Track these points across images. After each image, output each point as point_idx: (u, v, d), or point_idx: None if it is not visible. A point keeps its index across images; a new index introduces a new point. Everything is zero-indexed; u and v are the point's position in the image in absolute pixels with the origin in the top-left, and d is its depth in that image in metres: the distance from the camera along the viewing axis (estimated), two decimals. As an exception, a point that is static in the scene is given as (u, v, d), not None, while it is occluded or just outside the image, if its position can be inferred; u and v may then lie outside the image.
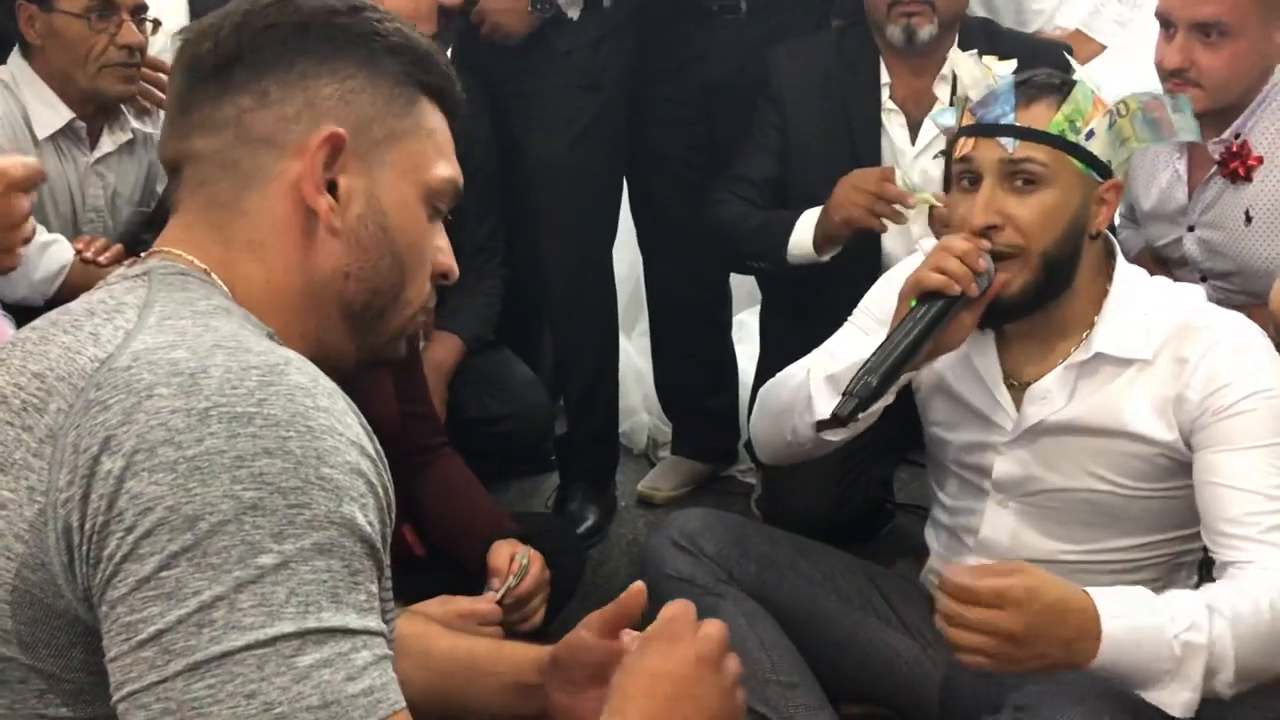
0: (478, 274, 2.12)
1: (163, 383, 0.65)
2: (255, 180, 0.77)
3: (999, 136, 1.26)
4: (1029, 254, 1.26)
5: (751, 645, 1.41)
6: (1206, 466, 1.24)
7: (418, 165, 0.80)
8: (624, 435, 2.65)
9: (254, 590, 0.61)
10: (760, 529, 1.56)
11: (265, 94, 0.77)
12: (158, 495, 0.62)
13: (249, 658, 0.61)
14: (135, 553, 0.62)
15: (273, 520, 0.62)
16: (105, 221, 1.92)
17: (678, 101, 2.18)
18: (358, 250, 0.78)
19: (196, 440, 0.63)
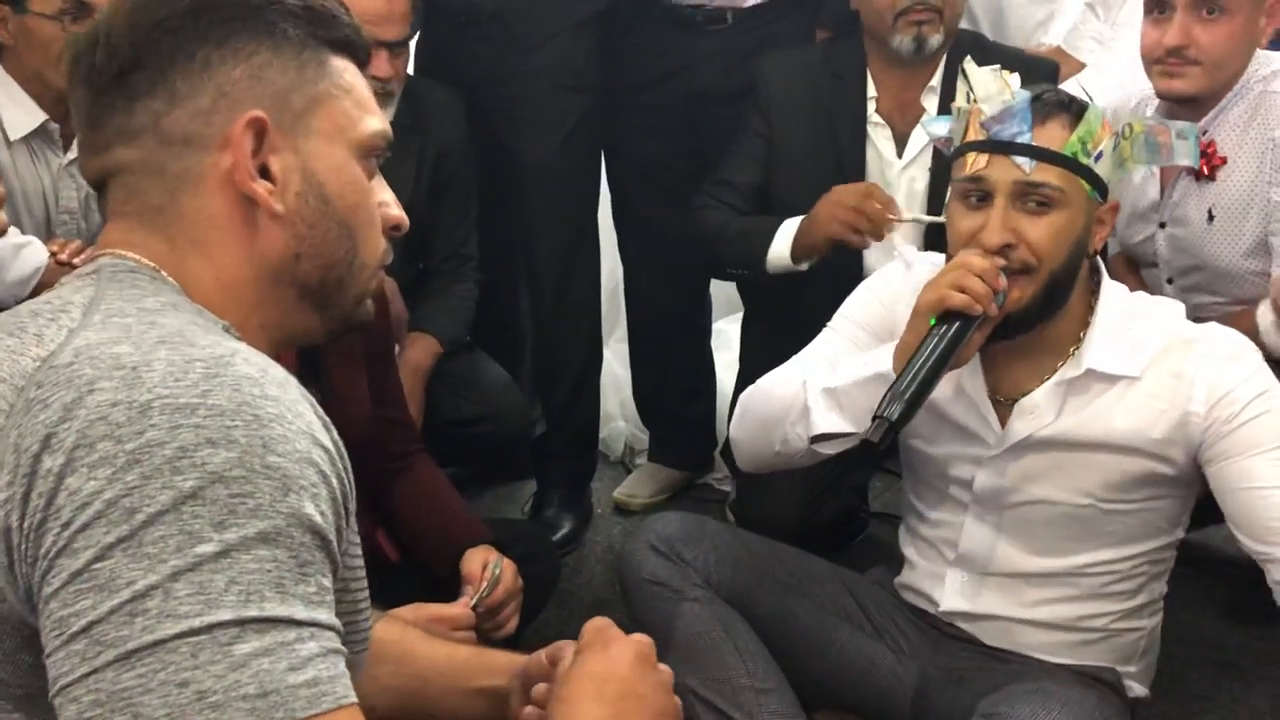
0: (452, 277, 2.12)
1: (104, 377, 0.64)
2: (185, 181, 0.75)
3: (1015, 155, 1.25)
4: (1039, 273, 1.27)
5: (726, 650, 1.41)
6: (1238, 475, 1.24)
7: (343, 125, 0.79)
8: (601, 442, 2.64)
9: (191, 578, 0.60)
10: (737, 534, 1.56)
11: (174, 92, 0.74)
12: (96, 490, 0.61)
13: (183, 645, 0.59)
14: (70, 547, 0.61)
15: (214, 509, 0.61)
16: (79, 223, 1.91)
17: (662, 110, 2.18)
18: (304, 228, 0.77)
19: (137, 433, 0.61)
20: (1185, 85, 1.73)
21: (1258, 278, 1.76)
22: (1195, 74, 1.72)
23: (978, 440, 1.39)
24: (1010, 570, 1.41)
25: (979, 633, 1.44)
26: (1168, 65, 1.73)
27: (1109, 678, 1.40)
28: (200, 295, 0.75)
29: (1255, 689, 1.78)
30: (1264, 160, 1.72)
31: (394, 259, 2.20)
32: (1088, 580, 1.39)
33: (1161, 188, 1.85)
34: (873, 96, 1.97)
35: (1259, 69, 1.76)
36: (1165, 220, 1.86)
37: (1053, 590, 1.40)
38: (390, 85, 1.93)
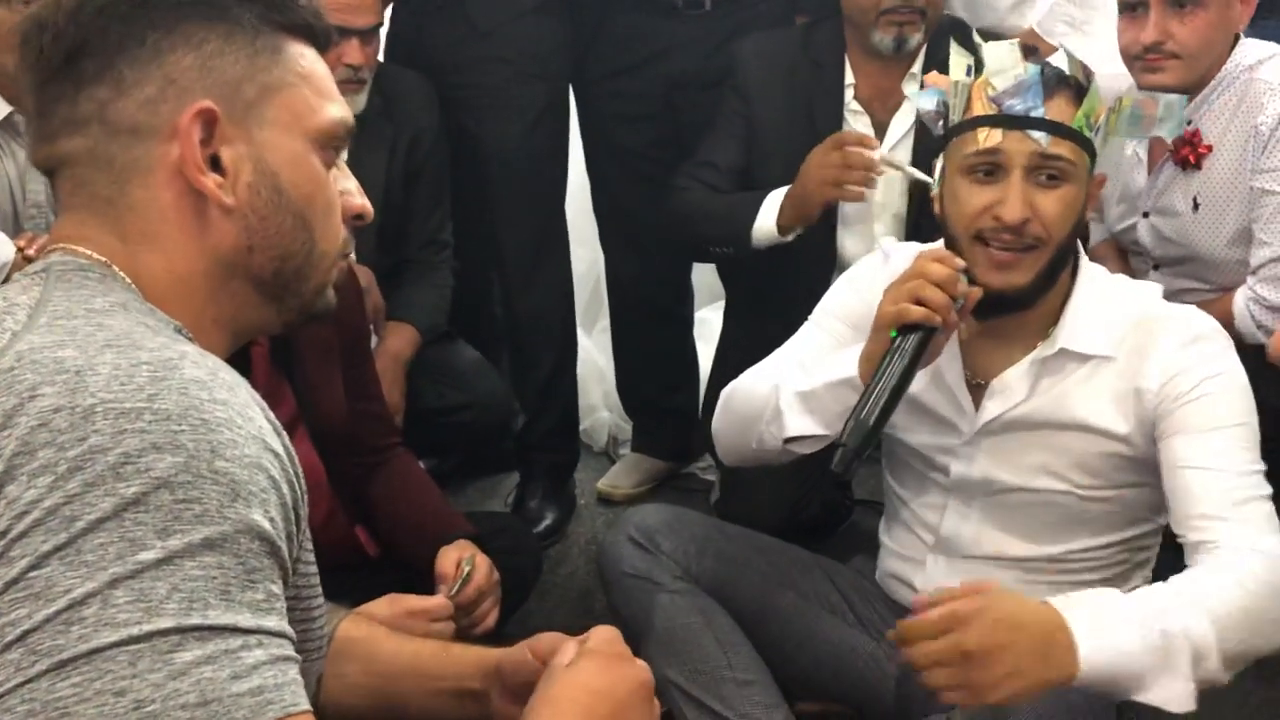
0: (428, 265, 2.10)
1: (46, 382, 0.62)
2: (133, 172, 0.73)
3: (1031, 130, 1.24)
4: (1048, 247, 1.26)
5: (708, 642, 1.40)
6: (1172, 453, 1.24)
7: (299, 114, 0.76)
8: (584, 433, 2.63)
9: (131, 585, 0.58)
10: (718, 525, 1.55)
11: (120, 79, 0.72)
12: (35, 498, 0.59)
13: (120, 654, 0.57)
14: (5, 555, 0.59)
15: (158, 516, 0.59)
16: (47, 217, 1.88)
17: (641, 97, 2.16)
18: (256, 220, 0.75)
19: (79, 439, 0.60)
20: (1167, 78, 1.74)
21: (1242, 265, 1.77)
22: (1175, 67, 1.73)
23: (952, 428, 1.38)
24: (991, 555, 1.40)
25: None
26: (1147, 61, 1.74)
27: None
28: (153, 289, 0.73)
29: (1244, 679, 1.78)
30: (1246, 148, 1.73)
31: (369, 248, 2.20)
32: (1069, 568, 1.38)
33: (1149, 175, 1.85)
34: (850, 84, 1.95)
35: (1243, 58, 1.76)
36: (1149, 209, 1.86)
37: (1034, 577, 1.39)
38: (362, 73, 1.92)
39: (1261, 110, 1.70)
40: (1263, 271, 1.70)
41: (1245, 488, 1.20)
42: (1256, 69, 1.74)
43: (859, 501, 2.17)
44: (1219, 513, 1.18)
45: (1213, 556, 1.16)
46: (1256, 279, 1.71)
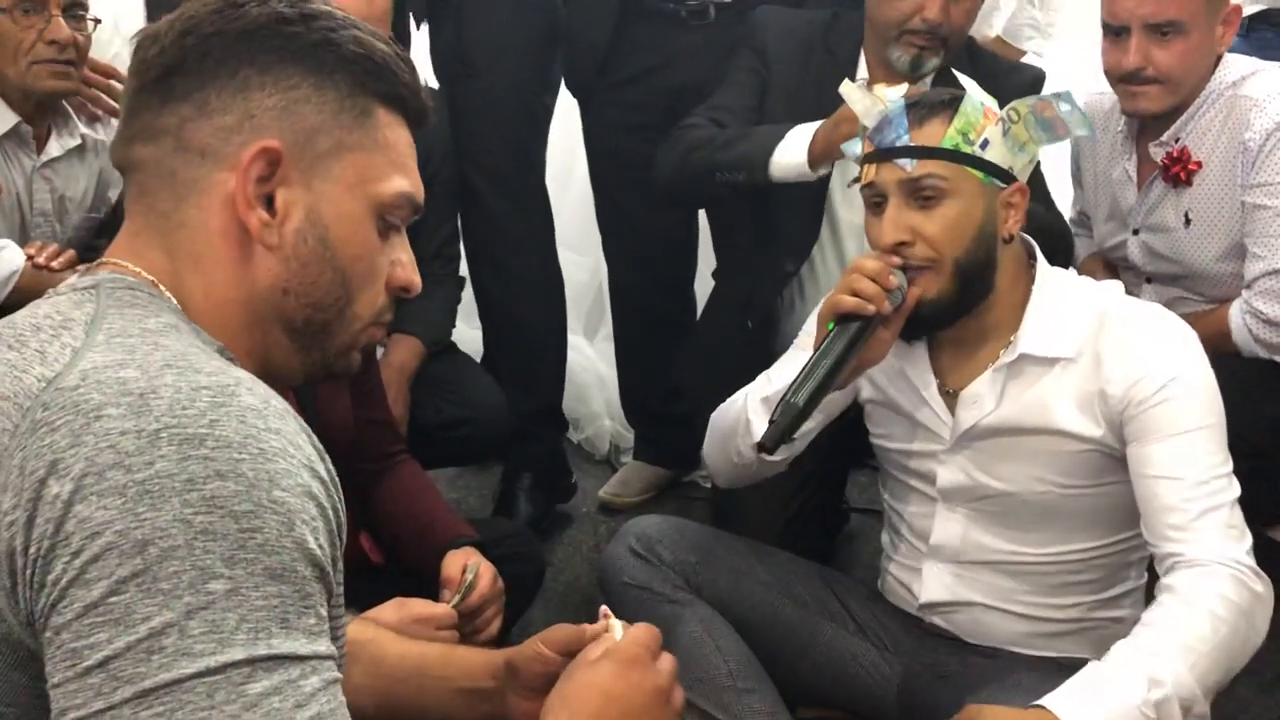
0: (435, 278, 2.11)
1: (112, 403, 0.64)
2: (191, 191, 0.75)
3: (896, 159, 1.30)
4: (942, 264, 1.30)
5: (709, 651, 1.41)
6: (1138, 460, 1.26)
7: (367, 178, 0.78)
8: (586, 441, 2.65)
9: (205, 617, 0.61)
10: (718, 535, 1.56)
11: (206, 103, 0.75)
12: (106, 520, 0.61)
13: (199, 685, 0.60)
14: (82, 578, 0.61)
15: (224, 545, 0.61)
16: (53, 226, 1.89)
17: (645, 107, 2.17)
18: (296, 266, 0.76)
19: (147, 464, 0.62)
20: (1149, 104, 1.75)
21: (1235, 278, 1.78)
22: (1156, 93, 1.74)
23: (933, 434, 1.40)
24: (984, 559, 1.41)
25: (959, 626, 1.45)
26: (1129, 87, 1.75)
27: (1093, 672, 1.41)
28: (195, 313, 0.75)
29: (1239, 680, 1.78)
30: (1235, 163, 1.74)
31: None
32: (1060, 569, 1.39)
33: (1138, 192, 1.86)
34: (863, 78, 1.95)
35: (1226, 74, 1.77)
36: (1139, 226, 1.86)
37: (1027, 580, 1.40)
38: None
39: (1248, 126, 1.71)
40: (1257, 285, 1.71)
41: (1210, 494, 1.21)
42: (1240, 85, 1.75)
43: (856, 510, 2.17)
44: (1185, 523, 1.20)
45: (1181, 580, 1.18)
46: (1252, 292, 1.72)
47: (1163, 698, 1.09)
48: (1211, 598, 1.15)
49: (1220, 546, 1.18)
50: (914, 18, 1.80)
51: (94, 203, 1.97)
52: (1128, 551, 1.41)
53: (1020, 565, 1.40)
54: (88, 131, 1.92)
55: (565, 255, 2.79)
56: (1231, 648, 1.15)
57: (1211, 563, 1.17)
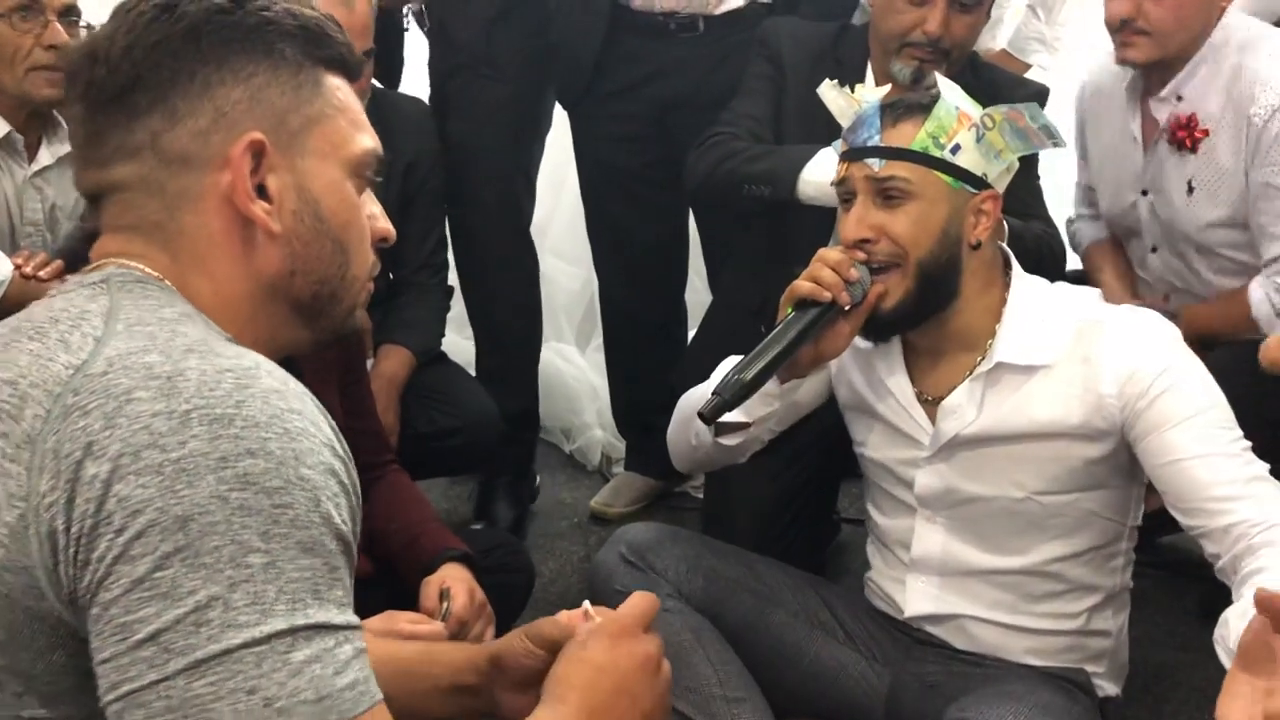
0: (423, 288, 2.12)
1: (141, 386, 0.66)
2: (184, 199, 0.76)
3: (866, 158, 1.32)
4: (905, 264, 1.32)
5: (698, 660, 1.41)
6: (1157, 451, 1.25)
7: (337, 144, 0.80)
8: (577, 451, 2.64)
9: (246, 589, 0.63)
10: (709, 544, 1.56)
11: (174, 111, 0.75)
12: (146, 498, 0.63)
13: (247, 655, 0.62)
14: (127, 554, 0.62)
15: (259, 520, 0.64)
16: (44, 236, 1.89)
17: (634, 118, 2.18)
18: (299, 246, 0.78)
19: (180, 443, 0.64)
20: (1136, 54, 1.78)
21: (1234, 250, 1.78)
22: (1144, 44, 1.76)
23: (913, 442, 1.41)
24: (965, 570, 1.42)
25: (946, 636, 1.45)
26: (1120, 36, 1.78)
27: (1079, 679, 1.41)
28: (201, 308, 0.77)
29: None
30: (1240, 138, 1.73)
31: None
32: (1040, 579, 1.39)
33: (1144, 152, 1.86)
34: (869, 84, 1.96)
35: (1230, 33, 1.76)
36: (1146, 187, 1.87)
37: (1009, 589, 1.41)
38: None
39: (1254, 102, 1.71)
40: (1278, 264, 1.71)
41: (1247, 463, 1.22)
42: (1246, 52, 1.74)
43: (846, 520, 2.17)
44: (1235, 493, 1.19)
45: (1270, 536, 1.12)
46: (1273, 269, 1.71)
47: None
48: None
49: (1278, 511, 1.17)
50: (915, 31, 1.81)
51: (85, 213, 1.97)
52: (1110, 557, 1.41)
53: (1001, 575, 1.40)
54: (78, 141, 1.93)
55: (556, 265, 2.80)
56: None
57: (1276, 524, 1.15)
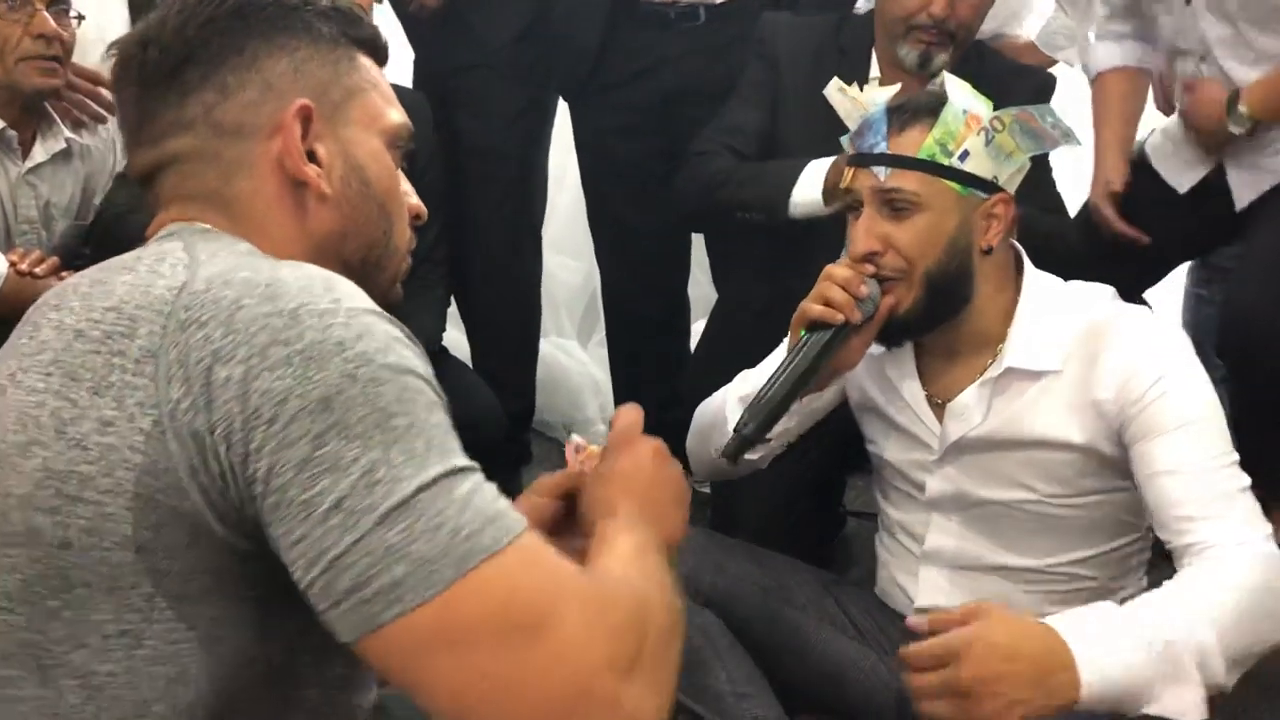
0: (423, 283, 2.10)
1: (246, 295, 0.70)
2: (239, 167, 0.81)
3: (872, 165, 1.28)
4: (913, 275, 1.28)
5: (706, 656, 1.39)
6: (1141, 460, 1.24)
7: (374, 116, 0.86)
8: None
9: (400, 448, 0.68)
10: (715, 539, 1.55)
11: (224, 85, 0.81)
12: (285, 388, 0.67)
13: (422, 498, 0.67)
14: (285, 440, 0.67)
15: (389, 389, 0.69)
16: (39, 233, 1.87)
17: (636, 110, 2.16)
18: (348, 209, 0.83)
19: (298, 336, 0.69)
20: None
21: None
22: None
23: (922, 444, 1.39)
24: (980, 565, 1.40)
25: (957, 631, 1.43)
26: None
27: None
28: None
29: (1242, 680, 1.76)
30: None
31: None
32: (1057, 578, 1.38)
33: None
34: (875, 77, 1.94)
35: None
36: None
37: (1024, 586, 1.39)
38: None
39: None
40: None
41: (1220, 483, 1.19)
42: None
43: (853, 513, 2.15)
44: (1199, 513, 1.18)
45: (1201, 558, 1.15)
46: None
47: (1175, 638, 1.05)
48: (1231, 569, 1.12)
49: (1239, 532, 1.16)
50: (920, 13, 1.80)
51: (80, 210, 1.95)
52: (1126, 558, 1.39)
53: (1016, 572, 1.38)
54: (73, 137, 1.90)
55: (558, 259, 2.78)
56: (1254, 620, 1.10)
57: (1231, 546, 1.15)
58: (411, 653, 0.66)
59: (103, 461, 0.69)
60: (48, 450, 0.70)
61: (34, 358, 0.74)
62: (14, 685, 0.70)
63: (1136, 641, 1.05)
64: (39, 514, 0.70)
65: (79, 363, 0.71)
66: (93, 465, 0.69)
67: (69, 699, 0.70)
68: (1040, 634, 1.04)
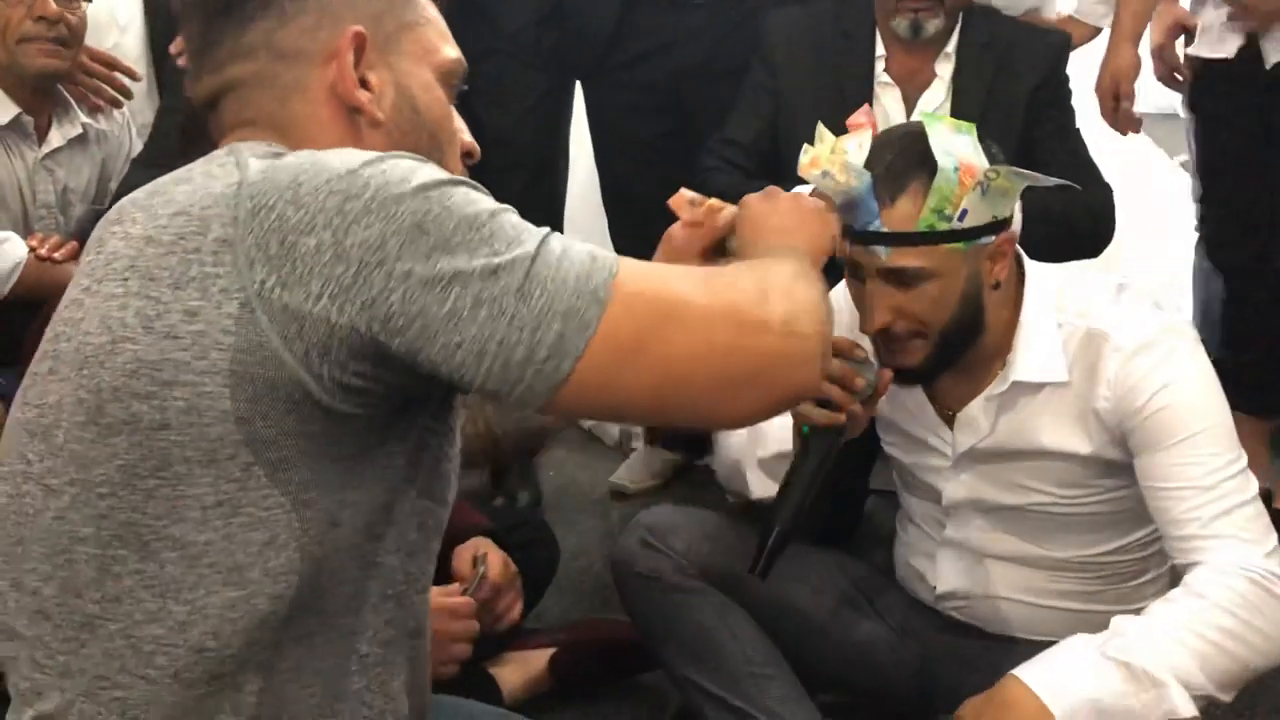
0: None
1: (299, 173, 0.74)
2: (296, 90, 0.84)
3: (870, 245, 1.21)
4: (928, 335, 1.25)
5: (725, 639, 1.40)
6: (1143, 473, 1.23)
7: (428, 50, 0.89)
8: (596, 427, 2.63)
9: (499, 238, 0.74)
10: (728, 522, 1.54)
11: (283, 12, 0.84)
12: (380, 232, 0.72)
13: (538, 266, 0.73)
14: (402, 274, 0.71)
15: (459, 195, 0.74)
16: (56, 218, 1.88)
17: (649, 88, 2.16)
18: (399, 135, 0.85)
19: (364, 186, 0.73)
20: None
21: None
22: None
23: (936, 452, 1.39)
24: (1001, 555, 1.40)
25: (977, 617, 1.43)
26: None
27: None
28: None
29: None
30: None
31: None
32: (1079, 567, 1.38)
33: None
34: (881, 55, 1.93)
35: None
36: None
37: (1046, 575, 1.39)
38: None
39: None
40: None
41: (1222, 499, 1.18)
42: None
43: (872, 491, 2.15)
44: (1199, 532, 1.17)
45: (1194, 578, 1.16)
46: None
47: (1155, 667, 1.07)
48: (1224, 592, 1.13)
49: (1236, 553, 1.15)
50: None
51: (97, 195, 1.95)
52: (1149, 544, 1.38)
53: (1039, 560, 1.38)
54: (89, 121, 1.91)
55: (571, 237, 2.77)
56: (1248, 642, 1.11)
57: (1227, 567, 1.15)
58: (601, 383, 0.74)
59: (195, 347, 0.72)
60: (138, 345, 0.73)
61: (107, 267, 0.77)
62: (120, 563, 0.75)
63: (1103, 665, 1.09)
64: (135, 400, 0.73)
65: (154, 264, 0.74)
66: (186, 351, 0.72)
67: (169, 570, 0.74)
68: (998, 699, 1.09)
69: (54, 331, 0.79)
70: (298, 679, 0.78)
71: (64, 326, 0.78)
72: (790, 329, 0.78)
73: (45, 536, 0.76)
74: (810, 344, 0.79)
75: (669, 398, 0.76)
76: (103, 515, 0.74)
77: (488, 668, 1.64)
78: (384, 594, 0.82)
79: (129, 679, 0.76)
